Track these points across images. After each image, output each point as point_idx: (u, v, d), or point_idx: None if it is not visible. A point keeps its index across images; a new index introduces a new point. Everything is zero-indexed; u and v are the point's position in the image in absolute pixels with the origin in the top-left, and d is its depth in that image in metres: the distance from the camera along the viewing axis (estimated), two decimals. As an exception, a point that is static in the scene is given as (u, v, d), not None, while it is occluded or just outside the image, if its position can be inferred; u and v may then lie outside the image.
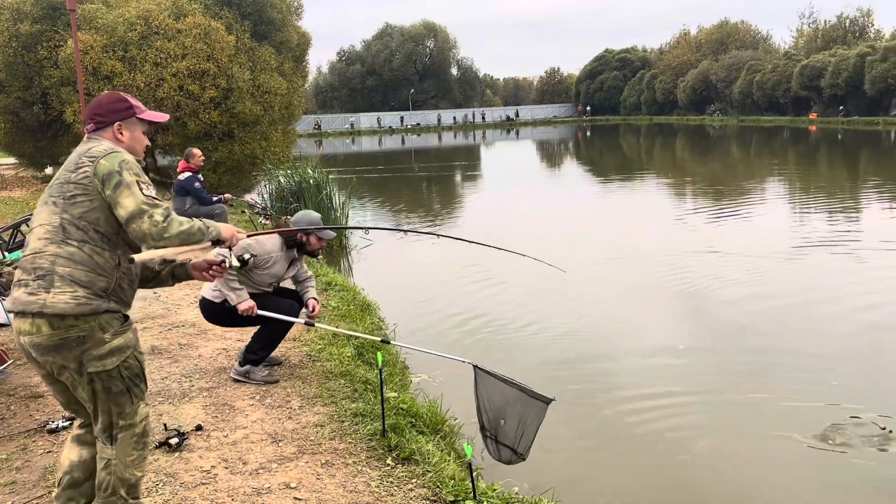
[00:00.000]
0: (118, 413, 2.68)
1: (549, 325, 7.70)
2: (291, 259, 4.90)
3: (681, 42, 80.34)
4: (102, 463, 2.72)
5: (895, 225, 13.29)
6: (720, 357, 6.71)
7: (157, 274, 3.09)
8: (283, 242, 4.79)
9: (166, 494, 3.33)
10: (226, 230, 2.86)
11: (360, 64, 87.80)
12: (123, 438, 2.70)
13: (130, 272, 2.75)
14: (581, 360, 6.65)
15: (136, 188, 2.59)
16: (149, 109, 2.95)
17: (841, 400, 5.42)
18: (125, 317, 2.70)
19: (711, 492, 4.38)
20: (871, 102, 53.17)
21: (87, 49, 17.41)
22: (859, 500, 4.28)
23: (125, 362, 2.65)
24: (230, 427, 4.08)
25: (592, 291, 9.22)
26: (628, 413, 5.44)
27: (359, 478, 3.57)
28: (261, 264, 4.65)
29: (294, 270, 4.96)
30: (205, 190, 10.08)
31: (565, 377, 6.16)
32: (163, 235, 2.58)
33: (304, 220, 4.89)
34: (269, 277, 4.77)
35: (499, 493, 3.59)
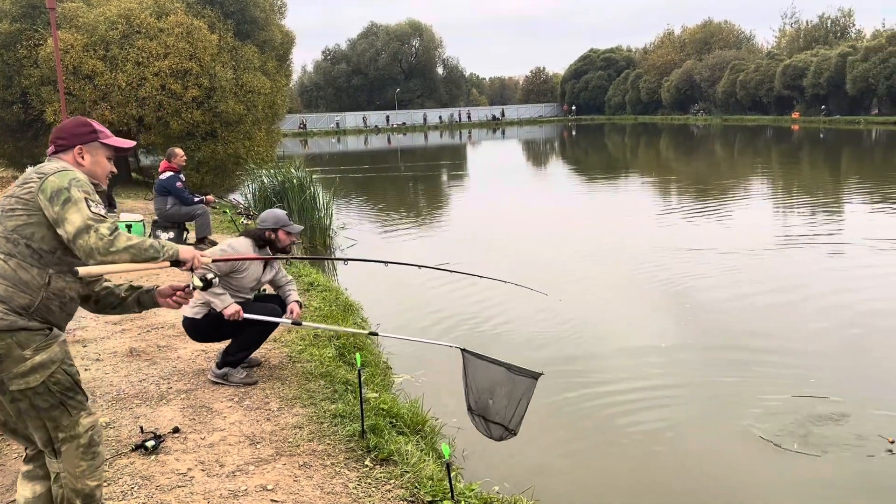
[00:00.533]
0: (55, 427, 2.62)
1: (530, 323, 7.72)
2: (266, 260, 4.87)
3: (665, 42, 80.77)
4: (53, 476, 2.69)
5: (877, 222, 13.42)
6: (701, 354, 6.76)
7: (122, 300, 3.02)
8: (254, 243, 4.77)
9: (142, 497, 3.30)
10: (185, 251, 2.77)
11: (345, 63, 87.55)
12: (68, 450, 2.64)
13: (63, 294, 2.64)
14: (561, 359, 6.67)
15: (83, 204, 2.53)
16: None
17: (810, 391, 5.48)
18: (50, 330, 2.60)
19: (689, 489, 4.41)
20: (853, 102, 53.72)
21: (68, 48, 17.24)
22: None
23: (52, 377, 2.56)
24: (207, 429, 4.05)
25: (574, 289, 9.25)
26: (608, 410, 5.46)
27: (336, 479, 3.55)
28: (238, 268, 4.62)
29: (272, 273, 4.93)
30: (186, 190, 10.01)
31: (545, 373, 6.17)
32: (109, 250, 2.51)
33: (271, 218, 4.87)
34: (249, 281, 4.74)
35: (477, 493, 3.59)
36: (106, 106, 17.83)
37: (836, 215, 14.64)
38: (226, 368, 4.71)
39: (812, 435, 4.85)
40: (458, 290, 9.13)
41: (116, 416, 4.20)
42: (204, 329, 4.70)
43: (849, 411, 5.19)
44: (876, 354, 6.62)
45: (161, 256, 2.66)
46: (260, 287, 4.96)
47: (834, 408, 5.26)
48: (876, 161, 27.99)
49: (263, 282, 4.91)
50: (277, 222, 4.79)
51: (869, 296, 8.29)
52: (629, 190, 21.31)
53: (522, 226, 14.96)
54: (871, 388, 5.78)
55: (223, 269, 4.55)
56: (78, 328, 5.98)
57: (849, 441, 4.76)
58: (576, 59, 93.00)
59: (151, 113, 18.13)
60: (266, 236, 4.78)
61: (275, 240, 4.80)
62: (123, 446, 3.80)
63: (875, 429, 4.87)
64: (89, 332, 5.85)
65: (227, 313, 4.45)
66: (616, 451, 4.90)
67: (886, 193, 17.27)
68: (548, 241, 12.86)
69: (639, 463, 4.73)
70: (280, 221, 4.80)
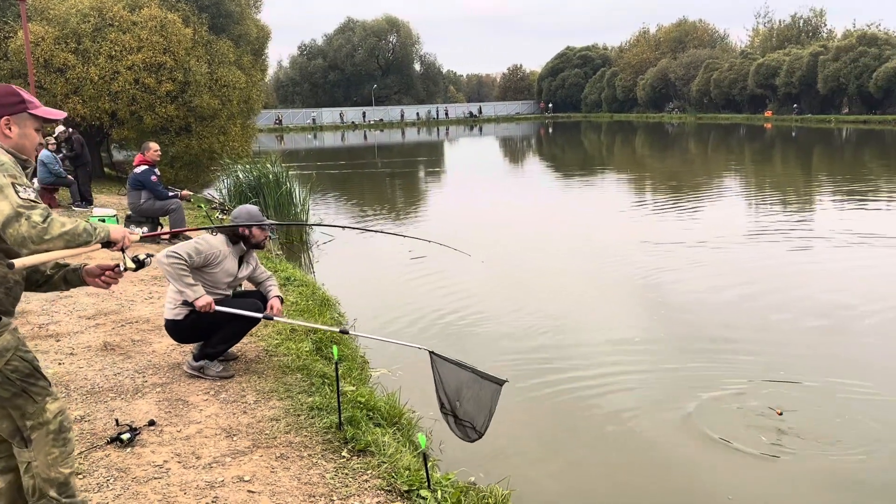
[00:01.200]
0: (21, 416, 2.57)
1: (502, 316, 7.83)
2: (241, 254, 4.87)
3: (640, 40, 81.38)
4: (24, 467, 2.64)
5: (844, 217, 13.67)
6: (667, 343, 6.87)
7: (48, 278, 2.89)
8: (228, 238, 4.77)
9: (117, 489, 3.29)
10: (115, 231, 2.68)
11: (321, 58, 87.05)
12: (38, 438, 2.60)
13: (7, 279, 2.56)
14: (533, 350, 6.75)
15: (10, 191, 2.40)
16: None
17: (771, 376, 5.60)
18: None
19: (662, 477, 4.49)
20: (824, 101, 54.59)
21: (38, 41, 16.99)
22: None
23: (8, 365, 2.52)
24: (183, 422, 4.04)
25: (546, 283, 9.36)
26: (582, 401, 5.53)
27: (313, 470, 3.57)
28: (212, 261, 4.62)
29: (248, 269, 4.91)
30: (160, 184, 9.93)
31: (519, 366, 6.25)
32: (43, 237, 2.40)
33: (244, 214, 4.87)
34: (224, 275, 4.72)
35: (453, 482, 3.63)
36: (78, 100, 17.59)
37: (805, 210, 14.91)
38: (203, 361, 4.70)
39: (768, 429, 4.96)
40: (434, 285, 9.19)
41: (91, 409, 4.18)
42: (186, 329, 4.68)
43: (802, 394, 5.34)
44: (837, 339, 6.79)
45: (94, 239, 2.57)
46: (237, 284, 4.95)
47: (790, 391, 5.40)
48: (846, 159, 28.49)
49: (240, 278, 4.89)
50: (251, 218, 4.80)
51: (829, 286, 8.52)
52: (603, 186, 21.48)
53: (493, 220, 15.03)
54: (829, 371, 5.93)
55: (196, 263, 4.54)
56: (51, 322, 5.92)
57: (805, 426, 4.89)
58: (553, 57, 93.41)
59: (125, 107, 17.92)
60: (240, 232, 4.77)
61: (249, 236, 4.79)
62: (98, 439, 3.78)
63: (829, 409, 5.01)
64: (62, 327, 5.79)
65: (199, 304, 4.44)
66: (590, 440, 4.97)
67: (853, 189, 17.59)
68: (517, 231, 12.97)
69: (613, 452, 4.80)
70: (253, 217, 4.81)
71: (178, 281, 4.45)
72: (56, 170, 13.19)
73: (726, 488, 4.29)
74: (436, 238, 5.47)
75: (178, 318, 4.61)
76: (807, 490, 4.31)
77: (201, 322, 4.57)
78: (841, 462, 4.51)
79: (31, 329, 5.71)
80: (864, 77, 48.98)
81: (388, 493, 3.40)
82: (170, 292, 4.68)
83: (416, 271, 10.10)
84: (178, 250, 4.49)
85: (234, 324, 4.66)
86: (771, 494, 4.22)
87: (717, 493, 4.28)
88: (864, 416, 5.11)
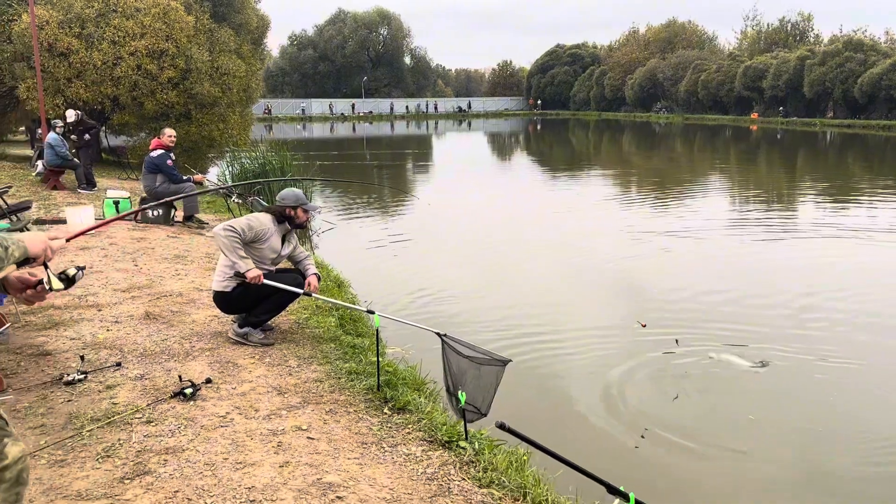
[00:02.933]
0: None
1: (502, 299, 8.34)
2: (284, 233, 5.23)
3: (630, 40, 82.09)
4: None
5: (824, 214, 14.22)
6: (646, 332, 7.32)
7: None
8: (274, 218, 5.14)
9: (189, 435, 3.65)
10: (33, 244, 2.24)
11: (312, 49, 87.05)
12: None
13: None
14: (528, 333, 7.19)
15: None
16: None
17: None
18: None
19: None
20: (810, 104, 55.45)
21: (43, 24, 17.14)
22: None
23: None
24: (236, 381, 4.41)
25: (531, 269, 9.88)
26: (593, 370, 5.96)
27: (361, 423, 3.96)
28: (261, 237, 4.99)
29: (289, 248, 5.28)
30: (175, 168, 10.22)
31: (518, 344, 6.68)
32: None
33: (291, 196, 5.22)
34: (269, 251, 5.08)
35: (487, 437, 4.02)
36: (80, 84, 17.77)
37: (788, 208, 15.47)
38: (247, 328, 5.07)
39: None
40: (438, 269, 9.60)
41: (148, 369, 4.53)
42: (233, 301, 5.03)
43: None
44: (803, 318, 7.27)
45: (7, 262, 2.16)
46: (279, 260, 5.30)
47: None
48: (829, 161, 29.17)
49: (283, 255, 5.24)
50: (297, 201, 5.17)
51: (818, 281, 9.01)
52: (589, 183, 21.95)
53: (478, 212, 15.46)
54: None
55: (248, 238, 4.91)
56: (88, 294, 6.24)
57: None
58: (542, 54, 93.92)
59: (126, 93, 18.11)
60: (286, 213, 5.14)
61: (294, 216, 5.16)
62: (162, 394, 4.14)
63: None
64: (101, 299, 6.12)
65: (250, 276, 4.81)
66: (607, 406, 5.38)
67: (836, 190, 18.19)
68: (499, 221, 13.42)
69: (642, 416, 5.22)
70: (300, 200, 5.18)
71: (231, 253, 4.80)
72: (63, 152, 13.44)
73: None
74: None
75: (227, 290, 4.97)
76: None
77: (247, 295, 4.94)
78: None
79: (71, 300, 6.04)
80: (849, 82, 49.87)
81: (430, 444, 3.79)
82: (220, 266, 5.05)
83: (418, 256, 10.54)
84: (234, 225, 4.86)
85: (276, 296, 5.03)
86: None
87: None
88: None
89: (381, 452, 3.63)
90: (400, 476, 3.39)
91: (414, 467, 3.49)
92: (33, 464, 3.33)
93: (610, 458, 4.66)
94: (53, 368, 4.50)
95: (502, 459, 3.66)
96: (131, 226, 9.84)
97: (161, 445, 3.52)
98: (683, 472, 4.59)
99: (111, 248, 8.25)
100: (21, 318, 5.45)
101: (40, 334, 5.15)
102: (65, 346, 4.91)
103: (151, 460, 3.37)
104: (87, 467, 3.30)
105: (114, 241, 8.65)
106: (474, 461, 3.61)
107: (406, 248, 11.33)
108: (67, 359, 4.68)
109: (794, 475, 4.55)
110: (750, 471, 4.52)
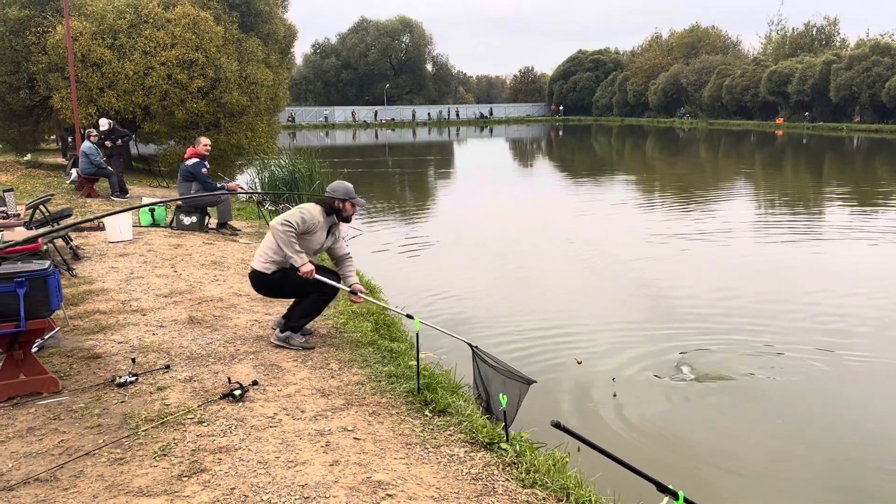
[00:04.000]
0: None
1: (528, 310, 8.39)
2: (330, 225, 5.39)
3: (652, 45, 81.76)
4: None
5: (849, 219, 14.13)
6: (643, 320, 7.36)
7: None
8: (323, 210, 5.30)
9: (241, 435, 3.78)
10: None
11: (335, 57, 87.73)
12: None
13: None
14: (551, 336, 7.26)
15: None
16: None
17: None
18: None
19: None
20: (836, 109, 54.85)
21: (77, 36, 17.53)
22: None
23: None
24: (282, 383, 4.54)
25: (556, 274, 9.86)
26: (616, 372, 6.02)
27: (404, 424, 4.06)
28: (311, 228, 5.17)
29: (332, 240, 5.44)
30: (209, 176, 10.43)
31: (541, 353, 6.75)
32: None
33: (342, 189, 5.38)
34: (315, 243, 5.26)
35: (527, 440, 4.11)
36: (112, 94, 18.15)
37: (815, 214, 15.38)
38: (288, 332, 5.22)
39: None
40: (459, 275, 9.70)
41: (196, 371, 4.68)
42: (269, 283, 5.21)
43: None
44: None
45: None
46: (322, 251, 5.48)
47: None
48: (857, 167, 28.87)
49: (325, 247, 5.42)
50: (347, 194, 5.34)
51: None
52: (613, 191, 21.94)
53: (497, 217, 15.54)
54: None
55: (301, 231, 5.09)
56: (131, 299, 6.42)
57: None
58: (564, 60, 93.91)
59: (157, 102, 18.46)
60: (336, 205, 5.31)
61: (342, 209, 5.33)
62: (211, 395, 4.27)
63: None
64: (144, 303, 6.30)
65: (304, 271, 5.01)
66: (636, 408, 5.45)
67: (864, 196, 18.03)
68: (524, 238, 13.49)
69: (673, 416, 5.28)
70: (349, 193, 5.35)
71: (288, 247, 4.99)
72: (97, 161, 13.75)
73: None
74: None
75: (266, 272, 5.16)
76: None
77: (286, 282, 5.15)
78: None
79: (115, 304, 6.22)
80: (876, 86, 49.28)
81: (472, 445, 3.88)
82: (264, 247, 5.24)
83: (433, 261, 10.69)
84: (290, 219, 5.06)
85: (314, 297, 5.17)
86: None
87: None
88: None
89: (426, 453, 3.73)
90: (445, 476, 3.49)
91: (458, 468, 3.59)
92: (94, 461, 3.48)
93: (649, 461, 4.73)
94: (104, 371, 4.66)
95: (544, 461, 3.75)
96: (167, 233, 10.06)
97: (214, 444, 3.65)
98: (724, 476, 4.64)
99: (150, 254, 8.45)
100: (69, 323, 5.63)
101: (89, 338, 5.32)
102: (114, 350, 5.08)
103: (206, 459, 3.50)
104: (146, 465, 3.44)
105: (152, 247, 8.86)
106: (516, 462, 3.70)
107: (430, 253, 11.56)
108: (117, 361, 4.83)
109: (833, 481, 4.59)
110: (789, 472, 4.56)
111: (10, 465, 3.44)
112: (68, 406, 4.13)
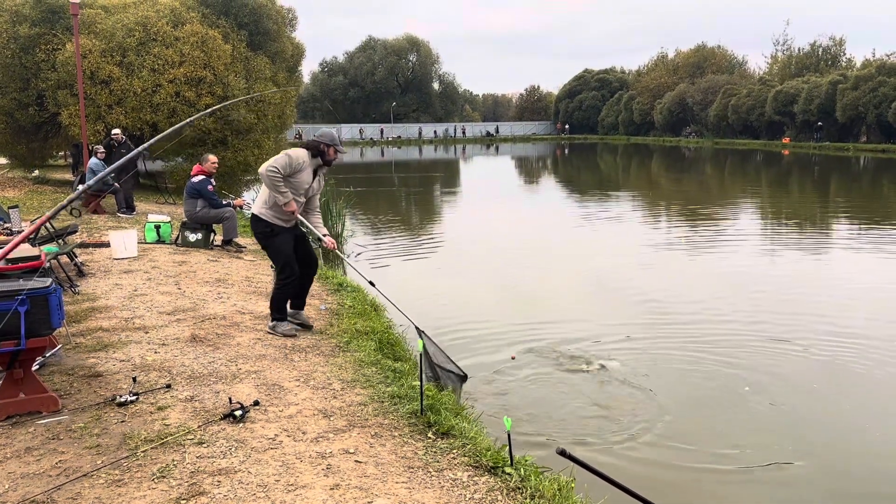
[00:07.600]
0: None
1: (523, 322, 8.40)
2: (315, 167, 5.89)
3: (658, 65, 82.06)
4: None
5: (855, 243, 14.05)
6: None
7: None
8: (309, 152, 5.81)
9: (241, 457, 3.73)
10: None
11: (342, 75, 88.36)
12: None
13: None
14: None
15: None
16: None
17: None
18: None
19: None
20: (843, 129, 54.80)
21: (86, 53, 17.68)
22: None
23: None
24: (283, 403, 4.49)
25: (561, 291, 9.80)
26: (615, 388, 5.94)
27: (406, 447, 4.00)
28: (296, 168, 5.68)
29: (317, 185, 5.96)
30: (215, 193, 10.44)
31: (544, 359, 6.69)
32: None
33: (328, 135, 5.94)
34: (304, 183, 5.78)
35: (532, 463, 4.04)
36: (121, 111, 18.27)
37: (820, 231, 15.31)
38: (274, 322, 5.97)
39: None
40: (463, 292, 9.66)
41: (197, 391, 4.63)
42: (260, 231, 5.85)
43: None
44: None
45: None
46: (310, 194, 5.95)
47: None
48: (863, 186, 28.78)
49: (312, 188, 5.91)
50: (332, 140, 5.89)
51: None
52: (620, 208, 21.90)
53: (506, 233, 15.51)
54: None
55: (286, 172, 5.63)
56: (134, 317, 6.39)
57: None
58: (570, 79, 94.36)
59: (165, 119, 18.55)
60: (321, 148, 5.84)
61: (325, 152, 5.86)
62: (212, 415, 4.22)
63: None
64: (147, 321, 6.26)
65: (288, 208, 5.64)
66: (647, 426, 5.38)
67: (872, 216, 17.95)
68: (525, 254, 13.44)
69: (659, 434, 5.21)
70: (334, 140, 5.91)
71: (274, 189, 5.62)
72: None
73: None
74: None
75: (260, 215, 5.81)
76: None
77: (269, 243, 5.88)
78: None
79: (118, 322, 6.19)
80: (882, 106, 49.22)
81: (476, 469, 3.82)
82: (262, 193, 5.90)
83: (440, 282, 10.59)
84: (275, 164, 5.63)
85: (276, 285, 5.92)
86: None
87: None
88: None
89: (428, 477, 3.66)
90: (448, 501, 3.42)
91: (461, 492, 3.52)
92: (91, 483, 3.43)
93: (654, 480, 4.65)
94: (105, 389, 4.62)
95: (548, 486, 3.67)
96: (172, 249, 10.05)
97: (214, 466, 3.60)
98: (725, 486, 4.57)
99: (153, 271, 8.43)
100: (71, 340, 5.60)
101: (90, 356, 5.29)
102: (115, 368, 5.04)
103: (205, 481, 3.45)
104: (144, 487, 3.39)
105: (156, 264, 8.84)
106: (521, 487, 3.63)
107: (435, 271, 11.55)
108: (118, 380, 4.79)
109: (833, 484, 4.51)
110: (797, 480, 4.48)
111: (6, 486, 3.39)
112: (68, 426, 4.09)
